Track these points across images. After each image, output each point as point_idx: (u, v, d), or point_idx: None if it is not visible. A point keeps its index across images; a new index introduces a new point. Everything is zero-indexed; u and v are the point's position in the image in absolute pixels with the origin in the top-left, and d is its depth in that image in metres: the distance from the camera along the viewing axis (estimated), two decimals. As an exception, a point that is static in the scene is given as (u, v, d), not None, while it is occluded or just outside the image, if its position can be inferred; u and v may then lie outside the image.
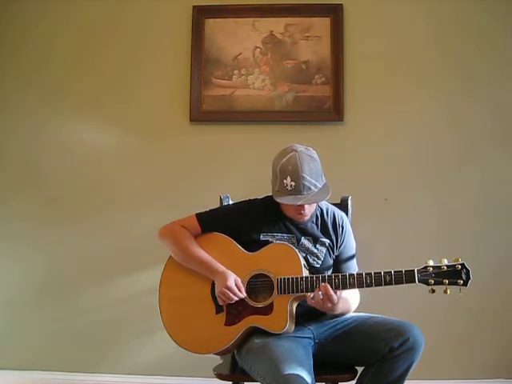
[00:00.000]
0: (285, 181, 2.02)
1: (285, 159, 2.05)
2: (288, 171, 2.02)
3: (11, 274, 3.11)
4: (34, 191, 3.11)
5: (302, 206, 2.05)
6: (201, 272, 2.10)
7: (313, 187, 2.02)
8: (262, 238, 2.11)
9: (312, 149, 2.11)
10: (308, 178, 2.01)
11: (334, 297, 1.97)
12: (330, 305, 1.98)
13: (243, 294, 2.04)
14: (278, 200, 2.05)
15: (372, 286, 1.97)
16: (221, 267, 2.07)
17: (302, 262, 2.05)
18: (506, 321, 2.93)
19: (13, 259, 3.12)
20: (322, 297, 1.97)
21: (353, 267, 2.20)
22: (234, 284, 2.02)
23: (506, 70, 3.00)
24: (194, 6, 3.08)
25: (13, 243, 3.13)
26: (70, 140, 3.13)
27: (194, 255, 2.11)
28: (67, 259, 3.07)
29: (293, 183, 2.01)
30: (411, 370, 1.97)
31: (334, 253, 2.18)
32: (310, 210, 2.11)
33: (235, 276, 2.05)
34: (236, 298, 2.02)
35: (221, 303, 2.06)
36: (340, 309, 2.06)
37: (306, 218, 2.12)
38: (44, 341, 3.06)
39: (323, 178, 2.08)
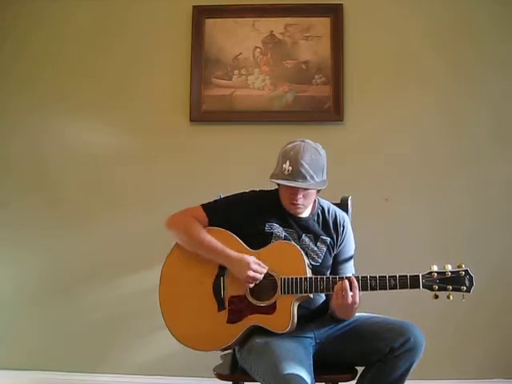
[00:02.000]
0: (284, 165, 2.03)
1: (290, 145, 2.08)
2: (289, 156, 2.04)
3: (12, 274, 3.11)
4: (35, 192, 3.11)
5: (294, 195, 2.05)
6: (212, 259, 2.08)
7: (309, 177, 2.02)
8: (266, 229, 2.11)
9: (320, 146, 2.12)
10: (306, 166, 2.01)
11: (349, 297, 1.95)
12: (340, 301, 1.97)
13: (266, 268, 2.03)
14: (273, 180, 2.05)
15: (376, 289, 1.97)
16: (234, 253, 2.05)
17: (306, 261, 2.05)
18: (503, 321, 2.93)
19: (13, 259, 3.12)
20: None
21: (349, 269, 2.18)
22: (256, 264, 2.02)
23: (505, 72, 3.00)
24: (194, 6, 3.08)
25: (13, 243, 3.12)
26: (71, 141, 3.13)
27: (206, 242, 2.09)
28: (67, 259, 3.08)
29: (290, 168, 2.02)
30: (412, 370, 1.97)
31: (333, 251, 2.17)
32: (303, 203, 2.09)
33: (252, 257, 2.03)
34: (261, 277, 2.02)
35: (249, 286, 2.04)
36: (347, 315, 2.07)
37: (299, 211, 2.12)
38: (44, 341, 3.06)
39: (323, 175, 2.08)
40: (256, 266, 2.02)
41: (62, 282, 3.07)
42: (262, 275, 2.02)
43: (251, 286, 2.04)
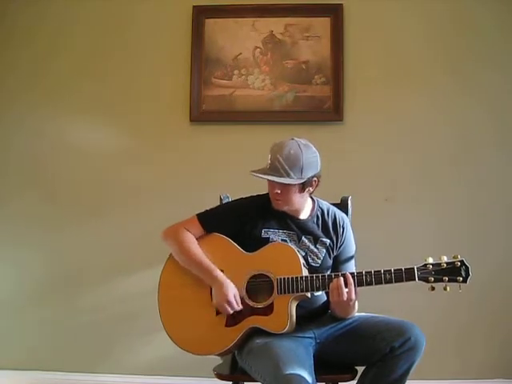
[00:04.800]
0: (268, 160, 2.08)
1: (279, 141, 2.11)
2: (271, 151, 2.08)
3: (11, 274, 3.11)
4: (35, 191, 3.11)
5: (272, 189, 2.07)
6: (200, 276, 2.10)
7: (283, 172, 2.02)
8: (263, 234, 2.12)
9: (313, 147, 2.11)
10: (282, 161, 2.03)
11: (345, 294, 1.96)
12: (336, 299, 1.97)
13: (240, 307, 2.03)
14: (250, 171, 2.08)
15: (372, 284, 1.97)
16: (220, 276, 2.06)
17: (302, 261, 2.05)
18: (505, 320, 2.93)
19: (13, 259, 3.12)
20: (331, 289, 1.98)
21: (350, 270, 2.16)
22: (233, 298, 2.02)
23: (504, 71, 3.00)
24: (194, 6, 3.08)
25: (13, 243, 3.13)
26: (71, 141, 3.13)
27: (195, 259, 2.10)
28: (67, 259, 3.08)
29: (269, 162, 2.06)
30: (412, 370, 1.97)
31: (333, 253, 2.17)
32: (281, 199, 2.09)
33: (234, 289, 2.04)
34: (231, 312, 2.02)
35: (220, 311, 2.05)
36: (346, 312, 2.08)
37: (280, 207, 2.12)
38: (44, 341, 3.06)
39: (303, 174, 2.05)
40: (233, 299, 2.02)
41: (63, 281, 3.07)
42: (231, 311, 2.02)
43: (220, 311, 2.04)
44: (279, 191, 2.07)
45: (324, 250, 2.15)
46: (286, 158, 2.03)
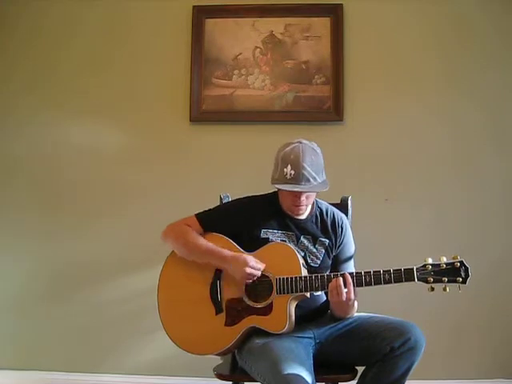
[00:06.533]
0: (285, 169, 2.03)
1: (288, 148, 2.07)
2: (289, 160, 2.03)
3: (12, 274, 3.11)
4: (36, 191, 3.11)
5: (297, 198, 2.05)
6: (210, 262, 2.09)
7: (312, 179, 2.02)
8: (262, 235, 2.12)
9: (316, 144, 2.13)
10: (308, 169, 2.02)
11: (344, 294, 1.96)
12: (335, 299, 1.97)
13: (263, 265, 2.03)
14: (276, 186, 2.05)
15: (371, 284, 1.97)
16: (230, 253, 2.06)
17: (301, 261, 2.05)
18: (504, 320, 2.93)
19: (13, 260, 3.12)
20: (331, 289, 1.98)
21: (350, 270, 2.17)
22: (255, 262, 2.02)
23: (504, 74, 3.01)
24: (193, 6, 3.08)
25: (13, 243, 3.12)
26: (70, 141, 3.12)
27: (200, 246, 2.10)
28: (67, 259, 3.07)
29: (292, 172, 2.02)
30: (412, 370, 1.97)
31: (332, 253, 2.17)
32: (306, 204, 2.10)
33: (250, 256, 2.04)
34: (260, 274, 2.02)
35: (248, 282, 2.04)
36: (345, 312, 2.08)
37: (302, 212, 2.12)
38: (44, 341, 3.06)
39: (323, 175, 2.09)
40: (253, 262, 2.02)
41: (63, 281, 3.07)
42: (260, 272, 2.03)
43: (249, 282, 2.04)
44: (304, 198, 2.06)
45: (323, 250, 2.15)
46: (311, 164, 2.03)
